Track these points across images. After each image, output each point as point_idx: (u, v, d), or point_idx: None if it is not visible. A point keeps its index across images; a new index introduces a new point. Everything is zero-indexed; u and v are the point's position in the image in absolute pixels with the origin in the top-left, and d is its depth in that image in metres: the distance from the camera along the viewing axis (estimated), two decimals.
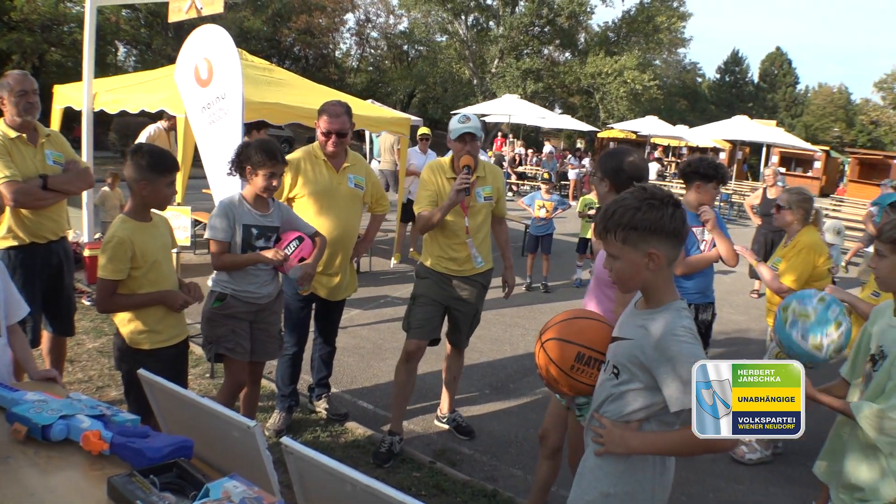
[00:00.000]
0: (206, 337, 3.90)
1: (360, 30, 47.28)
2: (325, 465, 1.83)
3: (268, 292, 3.93)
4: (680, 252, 2.21)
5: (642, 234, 2.14)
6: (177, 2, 8.12)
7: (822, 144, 40.95)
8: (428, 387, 5.68)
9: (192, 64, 6.56)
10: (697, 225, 4.59)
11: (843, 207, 21.67)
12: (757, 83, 62.54)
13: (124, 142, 19.87)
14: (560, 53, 46.20)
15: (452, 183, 4.37)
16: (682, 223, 2.16)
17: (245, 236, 3.77)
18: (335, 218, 4.43)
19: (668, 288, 2.23)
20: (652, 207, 2.13)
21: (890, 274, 2.73)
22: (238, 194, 3.85)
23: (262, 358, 4.10)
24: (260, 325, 3.97)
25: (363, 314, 7.58)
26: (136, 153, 3.29)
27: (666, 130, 28.34)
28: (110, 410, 2.20)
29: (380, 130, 10.56)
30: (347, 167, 4.61)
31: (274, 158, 3.74)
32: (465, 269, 4.52)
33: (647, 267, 2.17)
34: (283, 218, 3.95)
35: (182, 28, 30.74)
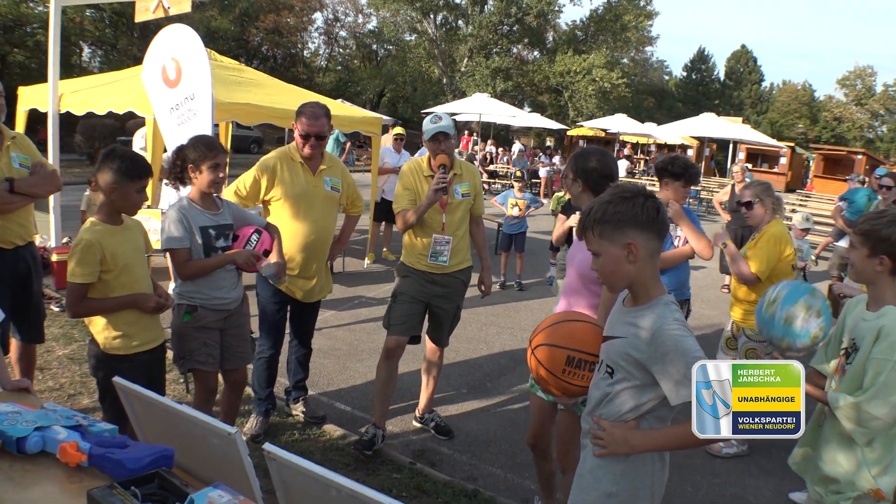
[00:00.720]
0: (178, 352, 3.82)
1: (329, 29, 47.13)
2: (309, 471, 1.80)
3: (236, 296, 3.87)
4: (660, 244, 2.22)
5: (617, 226, 2.18)
6: (144, 1, 8.01)
7: (787, 141, 41.60)
8: (406, 387, 5.65)
9: (159, 64, 6.47)
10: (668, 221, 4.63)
11: (810, 203, 21.96)
12: (723, 81, 63.35)
13: (91, 144, 19.55)
14: (529, 52, 46.44)
15: (430, 182, 4.38)
16: (657, 213, 2.18)
17: (205, 239, 3.68)
18: (312, 221, 4.38)
19: (655, 283, 2.24)
20: (623, 199, 2.19)
21: (861, 264, 2.77)
22: (185, 198, 3.75)
23: (237, 364, 4.04)
24: (230, 330, 3.91)
25: (338, 315, 7.53)
26: (108, 157, 3.22)
27: (634, 128, 28.56)
28: (87, 420, 2.14)
29: (351, 130, 10.49)
30: (324, 169, 4.56)
31: (214, 148, 3.67)
32: (445, 267, 4.51)
33: (627, 260, 2.19)
34: (234, 215, 3.88)
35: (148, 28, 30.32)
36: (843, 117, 61.50)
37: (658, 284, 2.25)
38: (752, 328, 4.87)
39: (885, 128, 62.65)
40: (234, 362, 4.00)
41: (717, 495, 4.49)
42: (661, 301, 2.20)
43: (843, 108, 62.12)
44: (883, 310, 2.71)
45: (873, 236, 2.71)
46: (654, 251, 2.21)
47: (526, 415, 5.38)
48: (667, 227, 2.23)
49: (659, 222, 2.19)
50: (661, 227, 2.21)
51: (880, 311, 2.72)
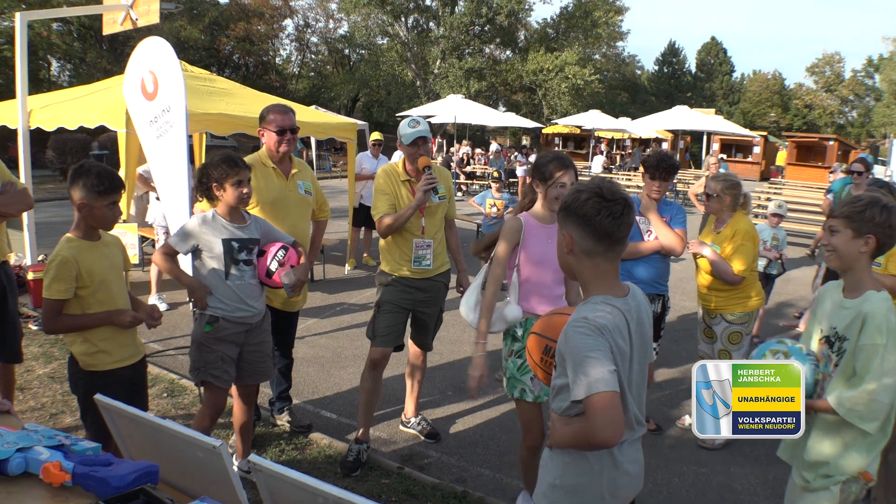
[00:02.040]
0: (194, 362, 3.81)
1: (300, 35, 46.98)
2: (296, 481, 1.80)
3: (258, 308, 3.87)
4: (599, 246, 2.16)
5: (563, 215, 2.24)
6: (111, 14, 7.98)
7: (759, 130, 42.06)
8: (390, 392, 5.65)
9: (138, 77, 6.45)
10: (639, 215, 4.72)
11: (784, 190, 22.19)
12: (694, 73, 63.87)
13: (63, 159, 19.34)
14: (501, 52, 46.55)
15: (407, 186, 4.40)
16: (596, 213, 2.12)
17: (226, 250, 3.70)
18: (288, 226, 4.35)
19: (596, 282, 2.21)
20: (577, 191, 2.20)
21: (846, 246, 2.77)
22: (211, 211, 3.78)
23: (257, 380, 4.04)
24: (251, 346, 3.90)
25: (320, 323, 7.51)
26: (76, 173, 3.20)
27: (609, 123, 28.75)
28: (69, 440, 2.12)
29: (327, 136, 10.47)
30: (296, 173, 4.57)
31: (236, 166, 3.68)
32: (428, 271, 4.51)
33: (566, 249, 2.24)
34: (261, 230, 3.90)
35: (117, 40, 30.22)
36: (814, 104, 62.26)
37: (599, 284, 2.20)
38: (732, 312, 4.92)
39: (855, 113, 63.55)
40: (254, 378, 4.02)
41: (705, 485, 4.53)
42: (593, 300, 2.18)
43: (814, 95, 62.90)
44: (865, 295, 2.72)
45: (856, 217, 2.73)
46: (590, 250, 2.17)
47: (513, 415, 5.40)
48: (613, 233, 2.14)
49: (595, 223, 2.13)
50: (601, 229, 2.13)
51: (862, 296, 2.72)
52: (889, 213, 2.71)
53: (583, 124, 29.14)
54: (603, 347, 2.03)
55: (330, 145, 28.90)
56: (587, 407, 1.98)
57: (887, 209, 2.72)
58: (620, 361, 2.09)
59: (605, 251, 2.18)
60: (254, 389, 4.14)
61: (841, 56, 63.84)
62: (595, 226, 2.14)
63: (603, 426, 1.94)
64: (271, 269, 3.79)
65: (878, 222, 2.70)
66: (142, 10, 7.64)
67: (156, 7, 7.52)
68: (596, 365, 1.98)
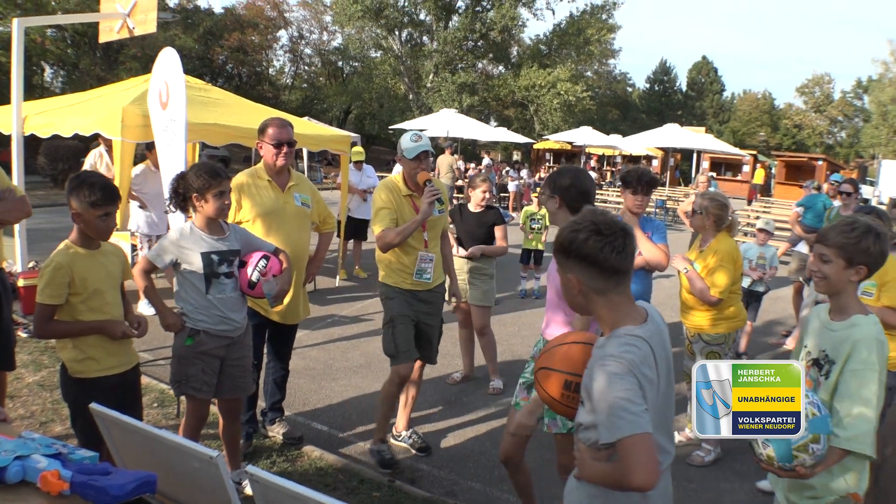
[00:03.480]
0: (175, 374, 3.79)
1: (294, 47, 47.06)
2: (293, 492, 1.81)
3: (239, 322, 3.83)
4: (610, 282, 2.12)
5: (562, 257, 2.17)
6: (108, 21, 7.99)
7: (749, 149, 42.31)
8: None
9: (157, 87, 6.55)
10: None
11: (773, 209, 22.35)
12: (685, 91, 64.41)
13: (54, 166, 19.26)
14: (494, 67, 46.72)
15: (408, 201, 4.43)
16: (599, 251, 2.07)
17: (206, 263, 3.65)
18: (285, 238, 4.35)
19: (614, 315, 2.15)
20: (573, 230, 2.13)
21: (837, 276, 2.78)
22: (188, 224, 3.73)
23: (236, 394, 4.01)
24: (232, 360, 3.87)
25: (311, 335, 7.49)
26: (72, 183, 3.21)
27: (600, 140, 28.88)
28: (66, 448, 2.12)
29: (320, 149, 10.50)
30: (293, 186, 4.58)
31: (218, 176, 3.63)
32: (429, 283, 4.54)
33: (572, 289, 2.17)
34: (241, 240, 3.86)
35: (111, 48, 30.22)
36: (803, 124, 62.87)
37: (617, 316, 2.15)
38: (709, 333, 4.96)
39: (844, 133, 64.16)
40: (234, 392, 3.97)
41: (694, 500, 4.54)
42: (616, 334, 2.11)
43: (803, 115, 63.51)
44: (852, 320, 2.72)
45: (850, 248, 2.72)
46: (600, 289, 2.13)
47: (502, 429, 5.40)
48: (620, 267, 2.10)
49: (601, 262, 2.08)
50: (608, 266, 2.09)
51: (849, 321, 2.72)
52: (882, 242, 2.73)
53: (574, 140, 29.27)
54: (632, 386, 1.97)
55: (321, 157, 28.87)
56: (620, 450, 1.95)
57: (881, 238, 2.73)
58: (649, 392, 2.03)
59: (616, 285, 2.13)
60: (237, 403, 4.09)
61: (830, 77, 64.69)
62: (601, 265, 2.09)
63: (639, 470, 1.91)
64: (253, 280, 3.76)
65: (871, 252, 2.72)
66: (139, 19, 7.67)
67: (153, 16, 7.56)
68: (627, 406, 1.94)
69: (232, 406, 4.04)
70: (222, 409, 4.03)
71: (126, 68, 30.21)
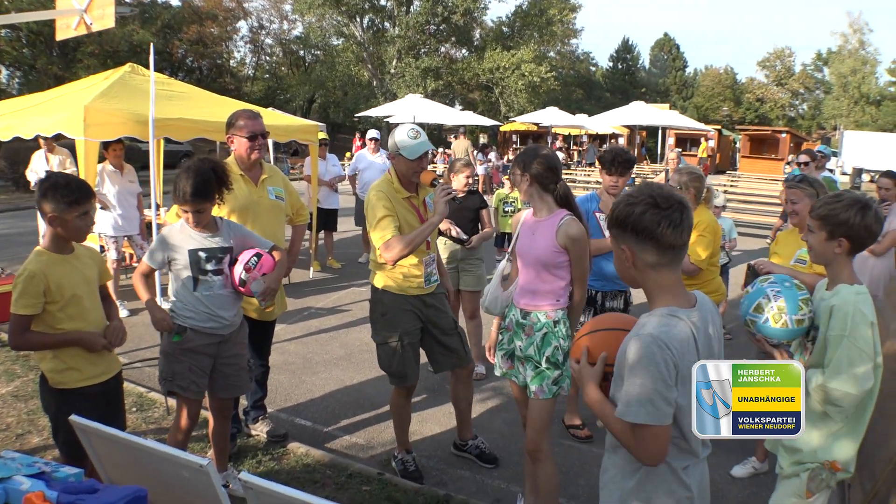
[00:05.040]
0: (162, 372, 3.72)
1: (254, 37, 46.43)
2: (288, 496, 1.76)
3: (230, 319, 3.74)
4: (664, 258, 2.11)
5: (618, 230, 2.16)
6: (64, 19, 7.77)
7: (713, 124, 42.57)
8: (365, 396, 5.60)
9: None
10: (600, 211, 4.76)
11: (739, 182, 22.59)
12: (648, 69, 64.76)
13: (15, 168, 18.81)
14: (457, 50, 46.53)
15: (407, 204, 4.10)
16: (656, 225, 2.06)
17: (193, 260, 3.59)
18: (260, 232, 4.18)
19: (662, 294, 2.15)
20: (628, 204, 2.12)
21: (820, 247, 2.83)
22: (180, 220, 3.68)
23: (231, 393, 3.94)
24: (224, 358, 3.79)
25: (288, 328, 7.39)
26: (45, 184, 3.09)
27: (566, 120, 28.88)
28: (49, 466, 2.03)
29: (289, 139, 10.34)
30: (266, 179, 4.48)
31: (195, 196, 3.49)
32: (434, 286, 4.30)
33: (625, 262, 2.16)
34: (235, 237, 3.77)
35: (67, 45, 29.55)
36: (766, 98, 63.53)
37: (662, 295, 2.14)
38: None
39: (806, 106, 65.01)
40: (228, 391, 3.90)
41: None
42: (658, 313, 2.11)
43: (765, 89, 64.16)
44: (836, 288, 2.79)
45: (831, 220, 2.78)
46: (654, 263, 2.12)
47: (489, 413, 5.39)
48: (676, 242, 2.09)
49: (657, 236, 2.07)
50: (664, 241, 2.07)
51: (834, 289, 2.80)
52: (865, 214, 2.75)
53: (540, 121, 29.25)
54: (664, 370, 1.98)
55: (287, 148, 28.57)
56: (635, 432, 2.04)
57: (864, 210, 2.75)
58: (685, 378, 2.02)
59: (670, 262, 2.13)
60: (228, 403, 4.02)
61: (791, 50, 65.10)
62: (657, 239, 2.08)
63: (646, 455, 2.06)
64: (243, 279, 3.69)
65: (852, 224, 2.75)
66: (96, 15, 7.46)
67: (111, 11, 7.35)
68: (652, 396, 1.98)
69: (224, 405, 3.97)
70: (214, 407, 3.95)
71: (84, 66, 29.64)
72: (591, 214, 4.69)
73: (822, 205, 2.84)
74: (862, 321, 2.66)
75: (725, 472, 4.60)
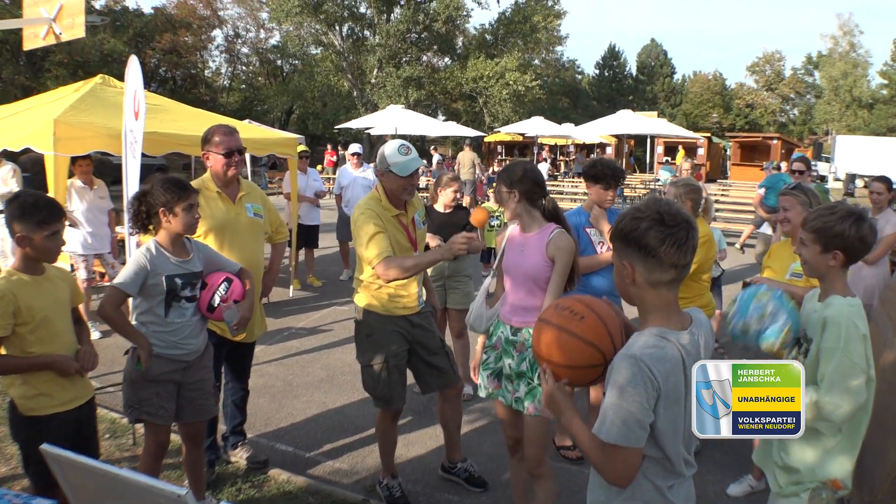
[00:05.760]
0: (128, 399, 3.66)
1: (230, 46, 46.54)
2: None
3: (196, 346, 3.71)
4: (665, 276, 2.12)
5: (621, 243, 2.17)
6: (32, 28, 7.74)
7: (703, 131, 43.06)
8: (348, 420, 5.58)
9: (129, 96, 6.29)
10: (590, 226, 4.75)
11: (731, 191, 22.77)
12: (635, 76, 65.33)
13: None
14: (440, 59, 46.77)
15: (396, 223, 4.09)
16: (660, 243, 2.07)
17: (170, 287, 3.54)
18: (238, 252, 4.23)
19: (655, 313, 2.16)
20: (633, 218, 2.13)
21: (814, 260, 2.86)
22: (153, 242, 3.59)
23: (199, 417, 3.89)
24: (190, 384, 3.75)
25: (267, 350, 7.36)
26: (13, 203, 3.08)
27: (553, 130, 29.03)
28: (20, 498, 2.02)
29: (267, 153, 10.34)
30: (243, 196, 4.46)
31: (186, 189, 3.54)
32: (420, 305, 4.30)
33: (626, 277, 2.17)
34: (204, 259, 3.75)
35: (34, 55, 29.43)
36: (756, 103, 64.22)
37: (655, 315, 2.16)
38: None
39: (797, 111, 65.69)
40: (195, 416, 3.85)
41: None
42: (647, 332, 2.13)
43: (755, 94, 64.88)
44: (829, 300, 2.81)
45: (826, 233, 2.80)
46: (655, 281, 2.13)
47: (476, 435, 5.38)
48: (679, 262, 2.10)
49: (661, 255, 2.08)
50: (667, 260, 2.08)
51: (826, 301, 2.82)
52: (860, 225, 2.78)
53: (526, 131, 29.39)
54: (642, 393, 2.01)
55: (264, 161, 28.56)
56: (605, 451, 2.06)
57: (859, 222, 2.78)
58: (670, 401, 2.05)
59: (671, 281, 2.14)
60: (199, 428, 3.98)
61: (781, 54, 66.06)
62: (660, 257, 2.09)
63: (614, 476, 2.09)
64: (213, 305, 3.66)
65: (847, 236, 2.77)
66: (66, 24, 7.42)
67: (81, 20, 7.32)
68: (628, 417, 2.02)
69: (194, 431, 3.92)
70: (184, 434, 3.92)
71: (53, 76, 29.53)
72: (581, 230, 4.69)
73: (815, 217, 2.86)
74: (855, 334, 2.69)
75: (721, 491, 4.62)
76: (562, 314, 2.27)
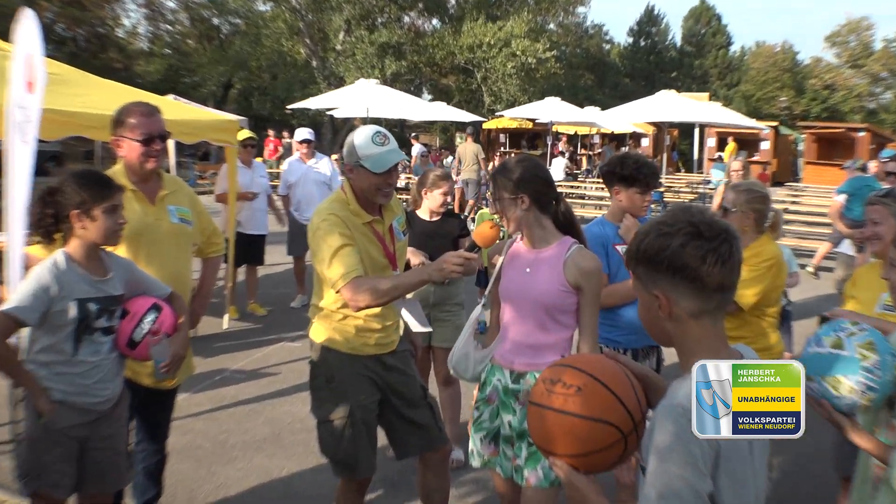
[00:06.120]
0: (24, 465, 3.61)
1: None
2: None
3: (112, 392, 3.69)
4: (710, 303, 2.13)
5: (647, 269, 2.17)
6: None
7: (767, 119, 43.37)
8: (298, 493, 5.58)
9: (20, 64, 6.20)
10: (620, 242, 4.70)
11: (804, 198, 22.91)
12: (680, 47, 65.69)
13: None
14: (426, 21, 47.06)
15: (368, 231, 4.06)
16: (701, 261, 2.07)
17: (82, 316, 3.51)
18: (158, 267, 4.19)
19: (698, 350, 2.15)
20: (660, 235, 2.12)
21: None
22: (61, 254, 3.56)
23: (107, 488, 3.87)
24: (97, 442, 3.71)
25: (193, 399, 7.31)
26: None
27: (572, 115, 29.11)
28: None
29: (198, 139, 10.31)
30: (166, 195, 4.43)
31: (109, 186, 3.55)
32: (395, 340, 4.27)
33: (656, 311, 2.16)
34: (124, 280, 3.73)
35: None
36: (837, 84, 64.60)
37: (702, 354, 2.13)
38: None
39: (891, 94, 65.74)
40: (102, 486, 3.82)
41: None
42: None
43: (836, 72, 65.33)
44: None
45: None
46: (697, 311, 2.13)
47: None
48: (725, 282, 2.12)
49: (703, 276, 2.08)
50: (711, 282, 2.09)
51: None
52: None
53: (537, 116, 29.49)
54: (696, 453, 2.01)
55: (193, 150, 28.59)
56: None
57: None
58: (733, 461, 2.08)
59: (715, 309, 2.15)
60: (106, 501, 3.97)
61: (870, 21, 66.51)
62: (703, 279, 2.09)
63: None
64: (136, 340, 3.64)
65: None
66: None
67: None
68: (680, 489, 1.99)
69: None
70: None
71: None
72: (609, 247, 4.67)
73: None
74: None
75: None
76: (552, 391, 2.27)
